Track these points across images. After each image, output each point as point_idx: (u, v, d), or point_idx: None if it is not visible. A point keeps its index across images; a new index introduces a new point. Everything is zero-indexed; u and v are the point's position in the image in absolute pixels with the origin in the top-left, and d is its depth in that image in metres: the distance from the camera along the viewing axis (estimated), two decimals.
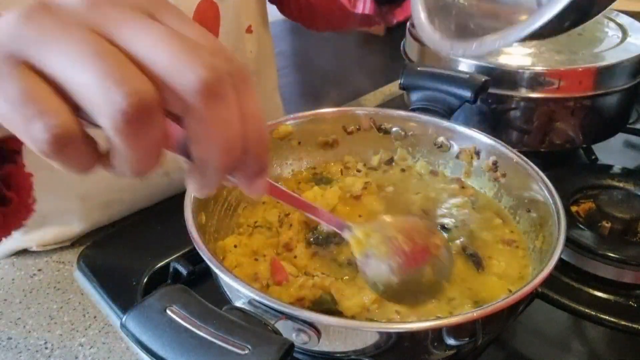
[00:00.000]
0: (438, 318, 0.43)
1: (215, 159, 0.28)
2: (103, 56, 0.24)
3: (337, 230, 0.44)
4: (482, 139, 0.58)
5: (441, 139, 0.61)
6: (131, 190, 0.70)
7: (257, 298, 0.38)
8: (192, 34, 0.27)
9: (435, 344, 0.40)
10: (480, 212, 0.57)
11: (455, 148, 0.61)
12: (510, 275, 0.50)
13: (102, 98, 0.24)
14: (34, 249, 0.66)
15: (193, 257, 0.57)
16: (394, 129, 0.63)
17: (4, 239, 0.41)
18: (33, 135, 0.25)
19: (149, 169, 0.27)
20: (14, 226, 0.42)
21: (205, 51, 0.26)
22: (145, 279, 0.58)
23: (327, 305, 0.45)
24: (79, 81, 0.24)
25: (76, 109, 0.25)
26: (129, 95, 0.24)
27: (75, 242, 0.67)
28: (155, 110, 0.25)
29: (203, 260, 0.42)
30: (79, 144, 0.26)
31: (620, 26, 0.83)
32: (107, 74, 0.24)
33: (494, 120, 0.75)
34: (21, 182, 0.40)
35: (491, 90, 0.70)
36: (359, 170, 0.63)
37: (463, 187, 0.60)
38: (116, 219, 0.71)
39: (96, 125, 0.26)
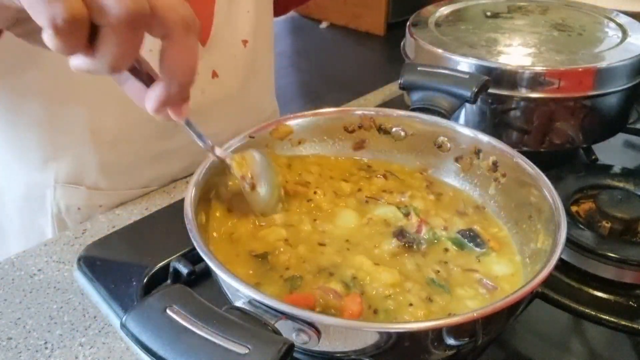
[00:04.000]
0: (438, 318, 0.43)
1: (184, 76, 0.38)
2: None
3: (219, 155, 0.51)
4: (482, 139, 0.58)
5: (441, 139, 0.61)
6: (138, 128, 0.74)
7: (257, 298, 0.38)
8: None
9: (435, 344, 0.40)
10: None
11: (455, 148, 0.61)
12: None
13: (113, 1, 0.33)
14: (49, 195, 0.72)
15: (193, 257, 0.57)
16: (394, 129, 0.63)
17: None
18: (53, 10, 0.31)
19: (120, 68, 0.36)
20: None
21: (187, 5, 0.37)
22: (145, 279, 0.58)
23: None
24: None
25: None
26: (133, 3, 0.33)
27: (74, 242, 0.67)
28: (145, 22, 0.35)
29: (203, 260, 0.42)
30: (84, 29, 0.33)
31: (620, 26, 0.83)
32: None
33: (494, 120, 0.75)
34: None
35: (491, 90, 0.70)
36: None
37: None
38: (126, 163, 0.75)
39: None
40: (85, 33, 0.34)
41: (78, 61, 0.35)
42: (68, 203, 0.75)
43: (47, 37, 0.33)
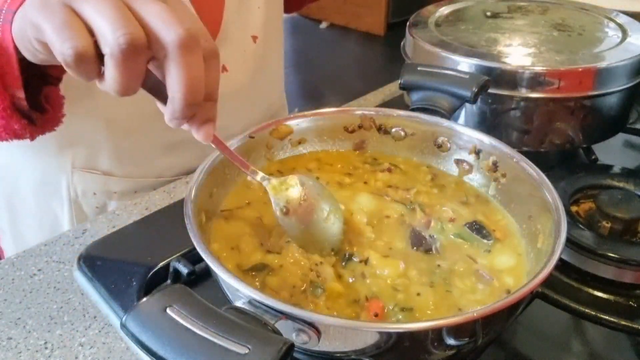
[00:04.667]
0: (438, 318, 0.43)
1: (183, 93, 0.39)
2: (118, 11, 0.38)
3: (258, 180, 0.50)
4: (482, 139, 0.58)
5: (441, 139, 0.61)
6: (151, 119, 0.75)
7: (257, 298, 0.38)
8: (186, 17, 0.40)
9: (435, 344, 0.40)
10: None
11: (455, 148, 0.61)
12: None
13: (110, 35, 0.37)
14: (65, 180, 0.75)
15: (193, 257, 0.57)
16: (394, 129, 0.63)
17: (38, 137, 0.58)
18: (63, 50, 0.38)
19: (128, 92, 0.40)
20: (47, 129, 0.58)
21: (190, 23, 0.39)
22: (145, 279, 0.58)
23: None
24: (100, 23, 0.38)
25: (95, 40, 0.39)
26: (126, 35, 0.37)
27: (74, 242, 0.67)
28: (140, 51, 0.38)
29: (203, 260, 0.42)
30: (90, 62, 0.39)
31: (620, 26, 0.83)
32: (117, 21, 0.37)
33: (494, 120, 0.75)
34: (56, 100, 0.57)
35: (491, 90, 0.70)
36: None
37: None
38: (140, 152, 0.77)
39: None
40: (93, 65, 0.39)
41: (98, 84, 0.41)
42: (84, 188, 0.78)
43: (65, 68, 0.39)
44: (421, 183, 0.60)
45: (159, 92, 0.42)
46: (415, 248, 0.51)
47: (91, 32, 0.39)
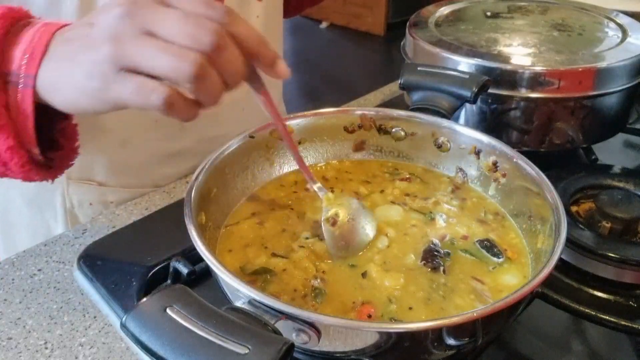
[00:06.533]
0: (438, 318, 0.43)
1: (236, 73, 0.43)
2: (166, 50, 0.40)
3: (315, 189, 0.54)
4: (482, 139, 0.58)
5: (441, 139, 0.61)
6: (146, 131, 0.76)
7: (257, 298, 0.38)
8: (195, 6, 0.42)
9: (435, 344, 0.40)
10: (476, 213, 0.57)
11: (455, 148, 0.61)
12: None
13: (176, 73, 0.40)
14: (61, 190, 0.75)
15: (193, 257, 0.57)
16: (394, 129, 0.63)
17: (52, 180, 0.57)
18: (153, 103, 0.41)
19: (218, 100, 0.43)
20: (65, 167, 0.57)
21: (206, 21, 0.41)
22: (145, 279, 0.58)
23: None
24: (160, 71, 0.40)
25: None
26: (188, 72, 0.40)
27: (74, 242, 0.67)
28: (209, 68, 0.41)
29: (203, 260, 0.42)
30: (179, 100, 0.42)
31: (620, 26, 0.83)
32: (173, 60, 0.40)
33: (494, 120, 0.75)
34: (70, 132, 0.55)
35: (491, 90, 0.70)
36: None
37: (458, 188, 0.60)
38: (135, 163, 0.77)
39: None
40: (183, 104, 0.43)
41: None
42: (80, 199, 0.77)
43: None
44: (441, 194, 0.59)
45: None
46: (423, 263, 0.51)
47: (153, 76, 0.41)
